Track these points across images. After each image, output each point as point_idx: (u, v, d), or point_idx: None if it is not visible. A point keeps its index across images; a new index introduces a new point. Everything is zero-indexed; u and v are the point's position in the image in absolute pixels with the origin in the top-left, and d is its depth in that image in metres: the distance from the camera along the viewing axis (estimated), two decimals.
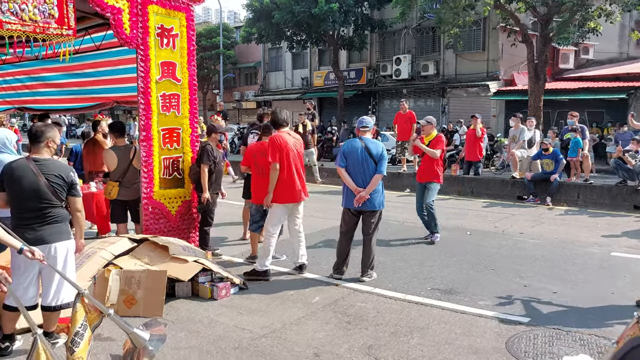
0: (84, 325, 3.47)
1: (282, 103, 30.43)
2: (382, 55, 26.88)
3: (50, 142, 4.00)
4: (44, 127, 4.06)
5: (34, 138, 3.98)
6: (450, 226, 8.71)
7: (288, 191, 5.83)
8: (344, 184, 5.88)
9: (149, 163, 6.12)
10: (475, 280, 5.87)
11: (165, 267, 5.10)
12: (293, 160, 5.85)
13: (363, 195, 5.67)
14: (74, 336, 3.38)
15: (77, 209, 4.06)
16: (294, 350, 4.05)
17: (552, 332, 4.43)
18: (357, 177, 5.76)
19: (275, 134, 5.97)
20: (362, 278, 5.79)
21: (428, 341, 4.24)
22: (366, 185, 5.74)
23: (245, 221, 7.55)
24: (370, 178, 5.76)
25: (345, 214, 5.96)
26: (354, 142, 5.91)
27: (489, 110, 22.42)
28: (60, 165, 4.01)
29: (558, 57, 22.63)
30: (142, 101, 6.02)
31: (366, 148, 5.81)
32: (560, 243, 7.61)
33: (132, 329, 3.58)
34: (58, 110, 10.22)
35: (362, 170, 5.78)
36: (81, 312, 3.46)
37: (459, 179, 12.83)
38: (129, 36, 5.80)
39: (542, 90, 15.82)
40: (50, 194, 3.85)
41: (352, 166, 5.80)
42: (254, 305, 5.05)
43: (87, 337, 3.51)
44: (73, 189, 3.99)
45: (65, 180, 3.94)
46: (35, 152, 3.97)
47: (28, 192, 3.81)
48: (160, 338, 3.85)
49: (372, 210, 5.83)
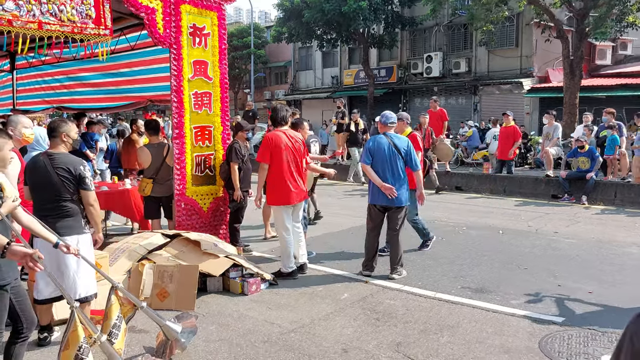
0: (120, 317, 3.56)
1: (312, 102, 30.52)
2: (412, 53, 26.64)
3: (65, 136, 4.04)
4: (59, 122, 4.13)
5: (49, 133, 4.09)
6: (481, 225, 8.59)
7: (280, 193, 5.66)
8: (370, 180, 5.85)
9: (182, 160, 6.24)
10: (507, 279, 5.77)
11: (197, 262, 5.19)
12: (287, 161, 5.64)
13: (393, 192, 5.65)
14: (111, 328, 3.47)
15: (89, 202, 4.05)
16: (322, 346, 4.07)
17: (587, 332, 4.32)
18: (385, 174, 5.72)
19: (270, 133, 5.85)
20: (391, 275, 5.77)
21: (458, 339, 4.19)
22: (395, 182, 5.69)
23: (266, 220, 7.57)
24: (399, 174, 5.73)
25: (372, 211, 5.93)
26: (380, 138, 5.85)
27: (523, 107, 21.98)
28: (70, 159, 4.03)
29: (594, 52, 22.02)
30: (175, 99, 6.13)
31: (393, 144, 5.77)
32: (597, 243, 7.41)
33: (164, 321, 3.67)
34: (94, 109, 10.51)
35: (390, 167, 5.75)
36: (116, 304, 3.56)
37: (491, 177, 12.63)
38: (162, 35, 5.92)
39: (577, 87, 15.42)
40: (60, 187, 3.92)
41: (380, 163, 5.76)
42: (283, 301, 5.09)
43: (123, 328, 3.61)
44: (82, 182, 3.99)
45: (73, 173, 3.95)
46: (52, 146, 4.07)
47: (41, 185, 3.93)
48: (191, 330, 3.93)
49: (398, 207, 5.80)
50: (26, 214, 3.32)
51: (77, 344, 2.87)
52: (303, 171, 5.89)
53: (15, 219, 3.20)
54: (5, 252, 2.72)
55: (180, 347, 3.81)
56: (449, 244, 7.36)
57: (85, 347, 2.90)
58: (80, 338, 2.88)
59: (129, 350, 3.94)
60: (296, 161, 5.77)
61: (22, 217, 3.27)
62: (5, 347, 3.21)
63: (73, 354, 2.86)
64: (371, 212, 5.94)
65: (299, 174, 5.80)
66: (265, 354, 3.92)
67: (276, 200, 5.71)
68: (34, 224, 3.34)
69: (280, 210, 5.73)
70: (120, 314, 3.56)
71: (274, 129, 5.92)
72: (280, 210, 5.74)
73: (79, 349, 2.87)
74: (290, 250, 5.79)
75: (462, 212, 9.84)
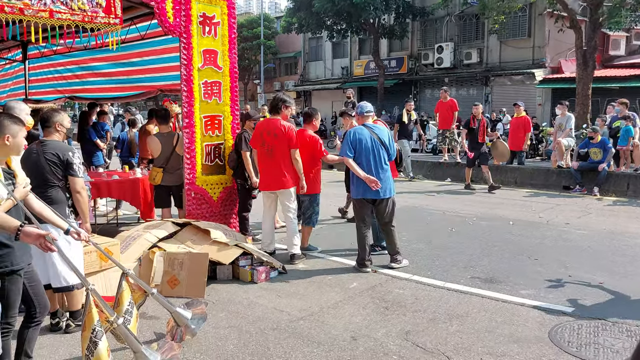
0: (131, 303, 3.60)
1: (321, 93, 30.46)
2: (423, 43, 26.46)
3: (58, 125, 4.07)
4: (52, 112, 4.17)
5: (43, 122, 4.11)
6: (492, 216, 8.55)
7: (260, 178, 6.14)
8: (352, 174, 5.73)
9: (192, 150, 6.26)
10: (517, 269, 5.75)
11: (207, 251, 5.22)
12: (267, 149, 5.90)
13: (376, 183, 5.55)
14: (124, 314, 3.51)
15: (76, 189, 4.03)
16: (331, 333, 4.09)
17: (597, 322, 4.30)
18: (369, 166, 5.58)
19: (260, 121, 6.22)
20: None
21: (467, 329, 4.19)
22: (381, 173, 5.61)
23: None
24: (382, 165, 5.64)
25: (358, 204, 5.75)
26: (360, 129, 5.71)
27: (534, 98, 21.80)
28: (58, 145, 4.04)
29: (608, 43, 21.75)
30: (185, 89, 6.15)
31: (375, 135, 5.68)
32: (609, 234, 7.35)
33: (174, 307, 3.70)
34: (106, 99, 10.56)
35: (374, 158, 5.61)
36: (127, 291, 3.59)
37: (502, 169, 12.54)
38: (172, 24, 5.92)
39: (590, 77, 15.21)
40: (48, 173, 3.94)
41: (364, 155, 5.60)
42: (292, 289, 5.12)
43: (135, 314, 3.64)
44: (70, 168, 3.98)
45: (61, 158, 3.95)
46: (45, 136, 4.11)
47: (31, 171, 3.84)
48: (201, 317, 3.96)
49: (386, 198, 5.70)
50: (37, 200, 3.36)
51: (92, 326, 2.91)
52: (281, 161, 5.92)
53: (26, 205, 3.23)
54: (19, 234, 2.75)
55: (190, 333, 3.85)
56: (458, 235, 7.34)
57: (99, 330, 2.93)
58: (94, 321, 2.91)
59: (140, 336, 3.96)
60: (277, 150, 5.90)
61: (33, 203, 3.30)
62: (19, 331, 3.26)
63: (88, 336, 2.90)
64: (358, 207, 5.77)
65: (279, 163, 5.89)
66: (274, 341, 3.95)
67: (260, 185, 6.27)
68: (45, 210, 3.37)
69: (262, 193, 6.23)
70: (131, 300, 3.60)
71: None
72: (262, 193, 6.24)
73: (93, 331, 2.90)
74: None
75: (473, 203, 9.79)
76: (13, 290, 3.01)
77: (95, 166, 8.98)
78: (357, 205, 5.79)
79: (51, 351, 3.83)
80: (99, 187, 6.88)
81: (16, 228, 2.73)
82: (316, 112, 6.63)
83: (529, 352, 3.77)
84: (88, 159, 9.01)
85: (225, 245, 5.39)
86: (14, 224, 2.75)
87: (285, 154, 5.88)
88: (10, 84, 11.50)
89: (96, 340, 2.91)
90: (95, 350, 2.91)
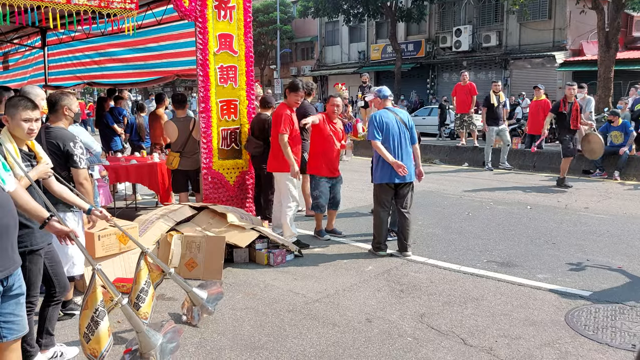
0: (148, 282, 3.66)
1: (338, 77, 30.28)
2: (441, 26, 26.12)
3: (66, 109, 3.95)
4: (60, 95, 4.04)
5: (50, 107, 3.98)
6: (509, 200, 8.48)
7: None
8: (377, 158, 5.62)
9: (208, 134, 6.29)
10: (534, 254, 5.71)
11: (223, 234, 5.28)
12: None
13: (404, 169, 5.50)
14: (139, 292, 3.58)
15: (78, 181, 3.86)
16: (346, 315, 4.12)
17: (614, 306, 4.26)
18: (396, 150, 5.53)
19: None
20: (407, 253, 5.64)
21: (483, 312, 4.19)
22: (407, 157, 5.55)
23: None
24: (407, 149, 5.60)
25: (381, 190, 5.66)
26: (385, 113, 5.66)
27: (555, 82, 21.42)
28: (61, 133, 3.88)
29: (632, 24, 21.23)
30: (201, 73, 6.17)
31: (399, 118, 5.63)
32: (629, 219, 7.25)
33: (190, 287, 3.76)
34: (124, 85, 10.65)
35: (400, 142, 5.56)
36: (145, 270, 3.66)
37: (521, 152, 12.41)
38: (187, 9, 5.93)
39: (613, 60, 14.89)
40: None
41: (391, 139, 5.54)
42: (308, 272, 5.16)
43: (151, 293, 3.71)
44: (70, 159, 3.82)
45: (61, 149, 3.80)
46: (52, 120, 3.97)
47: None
48: (217, 297, 4.03)
49: (408, 182, 5.66)
50: (58, 182, 3.42)
51: (94, 306, 2.94)
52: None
53: (47, 186, 3.30)
54: (44, 226, 2.83)
55: (206, 312, 3.91)
56: (475, 219, 7.30)
57: (102, 310, 2.96)
58: (98, 300, 2.94)
59: (156, 316, 4.06)
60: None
61: (53, 184, 3.37)
62: (40, 309, 3.35)
63: (90, 314, 2.93)
64: (381, 192, 5.65)
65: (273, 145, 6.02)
66: (290, 322, 4.00)
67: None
68: (65, 192, 3.44)
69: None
70: (148, 279, 3.66)
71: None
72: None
73: (95, 311, 2.93)
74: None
75: (490, 188, 9.72)
76: (33, 270, 3.08)
77: (114, 151, 9.10)
78: (379, 190, 5.69)
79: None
80: (117, 171, 6.98)
81: (43, 219, 2.82)
82: (331, 95, 6.54)
83: (545, 335, 3.76)
84: (106, 144, 9.13)
85: (242, 228, 5.45)
86: (42, 214, 2.82)
87: (274, 139, 5.99)
88: (30, 71, 11.67)
89: (98, 319, 2.93)
90: (97, 329, 2.93)
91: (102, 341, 2.94)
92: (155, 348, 3.09)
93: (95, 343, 2.93)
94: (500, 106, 11.67)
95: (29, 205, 2.76)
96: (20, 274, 2.59)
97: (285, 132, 5.78)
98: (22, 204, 2.71)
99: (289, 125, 5.83)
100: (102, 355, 2.94)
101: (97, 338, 2.93)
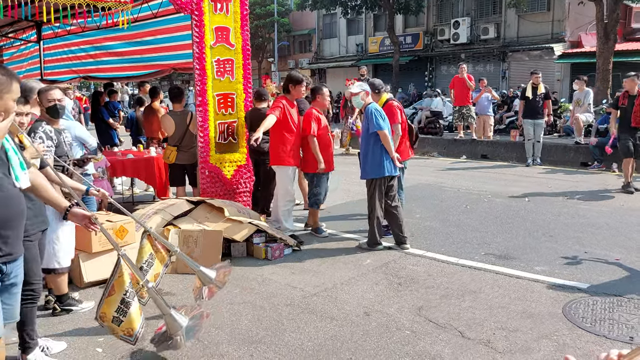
0: (152, 255, 3.63)
1: (336, 70, 30.21)
2: (439, 19, 26.01)
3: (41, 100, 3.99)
4: (33, 85, 4.08)
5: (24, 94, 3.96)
6: (507, 193, 8.47)
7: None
8: (380, 149, 5.51)
9: (205, 128, 6.26)
10: (532, 246, 5.71)
11: (221, 228, 5.27)
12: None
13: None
14: (142, 263, 3.57)
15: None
16: (345, 309, 4.12)
17: (612, 299, 4.27)
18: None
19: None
20: (406, 246, 5.63)
21: (480, 304, 4.19)
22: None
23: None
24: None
25: (382, 183, 5.60)
26: (377, 105, 5.73)
27: (553, 74, 21.37)
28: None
29: (630, 15, 21.13)
30: (198, 67, 6.13)
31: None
32: (627, 211, 7.25)
33: (198, 267, 3.69)
34: (120, 78, 10.60)
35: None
36: (147, 247, 3.63)
37: (518, 145, 12.38)
38: (183, 2, 5.89)
39: (611, 51, 14.84)
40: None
41: (388, 131, 5.61)
42: (305, 266, 5.15)
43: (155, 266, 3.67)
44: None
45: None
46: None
47: None
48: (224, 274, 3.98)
49: (396, 175, 5.73)
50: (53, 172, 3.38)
51: (123, 289, 3.00)
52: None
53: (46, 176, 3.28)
54: (67, 214, 2.87)
55: (216, 287, 3.82)
56: (472, 212, 7.30)
57: (131, 291, 3.04)
58: (126, 283, 3.01)
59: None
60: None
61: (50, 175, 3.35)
62: None
63: (119, 298, 3.00)
64: (380, 185, 5.57)
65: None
66: (288, 316, 3.99)
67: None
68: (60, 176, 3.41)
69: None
70: (149, 258, 3.63)
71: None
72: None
73: (125, 292, 3.00)
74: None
75: (488, 180, 9.71)
76: (27, 257, 3.02)
77: (110, 145, 9.07)
78: (379, 184, 5.60)
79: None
80: (114, 166, 6.95)
81: (65, 208, 2.84)
82: (320, 88, 6.41)
83: (542, 328, 3.77)
84: (102, 138, 9.09)
85: (240, 222, 5.43)
86: (63, 204, 2.85)
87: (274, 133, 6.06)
88: (26, 65, 11.58)
89: (129, 300, 3.02)
90: (128, 310, 3.02)
91: (135, 321, 3.04)
92: (181, 329, 3.18)
93: (129, 323, 3.02)
94: (539, 98, 10.84)
95: (51, 196, 2.82)
96: (21, 264, 2.63)
97: (315, 135, 5.94)
98: (44, 195, 2.78)
99: (317, 125, 6.01)
100: (138, 333, 3.04)
101: (129, 319, 3.02)
